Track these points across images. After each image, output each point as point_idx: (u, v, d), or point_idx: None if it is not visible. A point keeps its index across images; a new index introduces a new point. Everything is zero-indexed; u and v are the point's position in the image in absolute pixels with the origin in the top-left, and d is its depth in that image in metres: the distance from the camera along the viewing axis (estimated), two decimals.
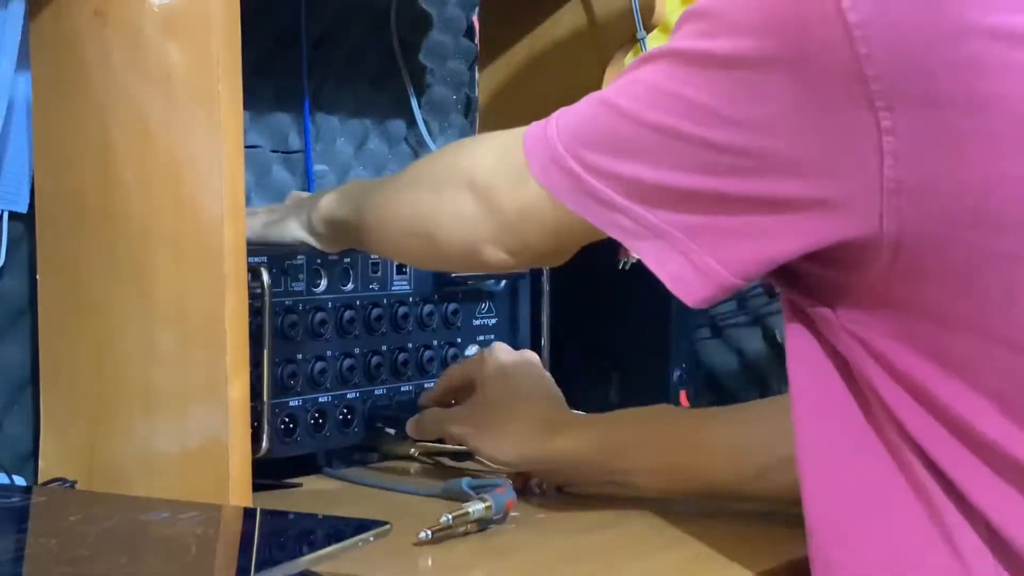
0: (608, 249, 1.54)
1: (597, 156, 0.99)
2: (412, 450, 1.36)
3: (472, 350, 1.45)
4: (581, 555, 1.08)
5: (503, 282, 1.42)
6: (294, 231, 1.28)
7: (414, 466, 1.36)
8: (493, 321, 1.48)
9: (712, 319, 1.81)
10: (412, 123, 1.74)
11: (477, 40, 1.80)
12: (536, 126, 1.05)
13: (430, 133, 1.74)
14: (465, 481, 1.15)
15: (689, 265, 0.96)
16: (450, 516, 1.08)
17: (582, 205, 1.00)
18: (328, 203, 1.25)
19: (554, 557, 1.10)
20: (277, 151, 1.57)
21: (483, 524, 1.10)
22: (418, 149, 1.74)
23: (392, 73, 1.71)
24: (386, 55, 1.70)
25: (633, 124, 0.97)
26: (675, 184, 0.95)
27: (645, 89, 0.97)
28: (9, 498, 1.12)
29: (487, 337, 1.47)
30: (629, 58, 1.75)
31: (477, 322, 1.47)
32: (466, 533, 1.09)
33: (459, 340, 1.45)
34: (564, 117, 1.03)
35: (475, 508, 1.09)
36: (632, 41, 1.64)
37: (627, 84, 0.99)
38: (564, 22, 1.69)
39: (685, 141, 0.94)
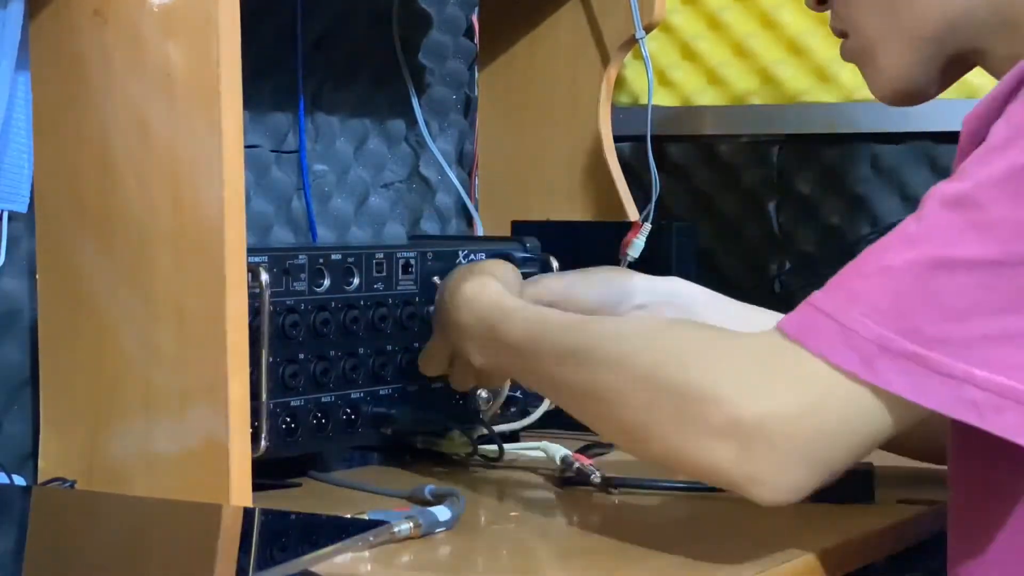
0: (610, 246, 1.56)
1: (939, 325, 0.86)
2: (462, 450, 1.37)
3: None
4: (580, 555, 1.08)
5: None
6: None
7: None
8: None
9: None
10: (412, 123, 1.74)
11: (477, 40, 1.80)
12: (809, 326, 0.90)
13: (430, 133, 1.74)
14: (428, 488, 1.17)
15: None
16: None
17: (921, 390, 0.87)
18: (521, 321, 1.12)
19: (553, 557, 1.10)
20: (277, 151, 1.57)
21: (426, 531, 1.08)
22: (418, 149, 1.74)
23: (392, 73, 1.71)
24: (386, 55, 1.70)
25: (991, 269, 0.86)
26: None
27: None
28: (9, 498, 1.12)
29: None
30: (629, 58, 1.75)
31: None
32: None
33: None
34: (862, 300, 0.89)
35: (400, 528, 1.07)
36: (632, 41, 1.64)
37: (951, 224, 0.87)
38: (564, 22, 1.69)
39: None
